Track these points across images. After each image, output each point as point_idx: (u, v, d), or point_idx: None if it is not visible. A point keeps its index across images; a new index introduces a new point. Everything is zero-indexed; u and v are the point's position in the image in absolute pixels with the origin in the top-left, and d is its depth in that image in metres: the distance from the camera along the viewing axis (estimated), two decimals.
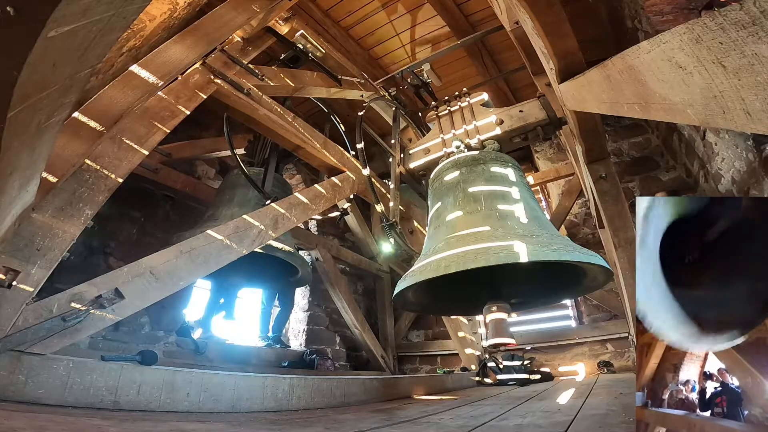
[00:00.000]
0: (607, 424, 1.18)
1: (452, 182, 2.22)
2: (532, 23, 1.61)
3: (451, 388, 3.17)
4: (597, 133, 2.15)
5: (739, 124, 0.65)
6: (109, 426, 0.99)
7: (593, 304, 4.48)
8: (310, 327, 4.61)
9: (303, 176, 5.39)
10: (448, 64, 4.48)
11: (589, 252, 1.63)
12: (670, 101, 0.87)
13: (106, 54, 0.80)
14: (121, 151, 1.72)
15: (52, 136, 1.01)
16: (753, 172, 2.54)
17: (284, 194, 3.09)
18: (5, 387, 1.10)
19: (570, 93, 1.77)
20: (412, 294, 2.02)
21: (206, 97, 2.25)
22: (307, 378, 1.92)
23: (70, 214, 1.47)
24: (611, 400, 1.73)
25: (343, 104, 4.52)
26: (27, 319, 1.27)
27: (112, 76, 2.06)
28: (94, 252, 3.05)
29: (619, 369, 3.90)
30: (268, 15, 2.79)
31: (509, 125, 2.59)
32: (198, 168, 4.23)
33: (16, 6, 0.51)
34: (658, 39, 0.81)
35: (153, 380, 1.37)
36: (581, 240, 4.75)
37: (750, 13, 0.56)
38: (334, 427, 1.30)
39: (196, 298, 3.76)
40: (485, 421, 1.35)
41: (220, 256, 1.98)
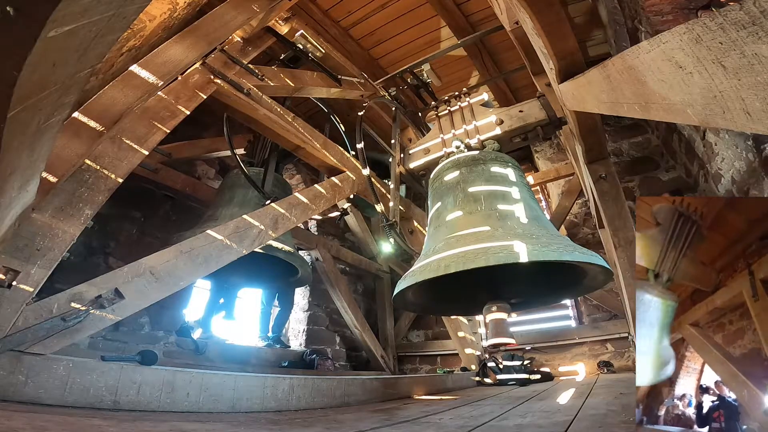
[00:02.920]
0: (607, 424, 1.18)
1: (452, 182, 2.22)
2: (532, 23, 1.61)
3: (451, 388, 3.17)
4: (597, 133, 2.15)
5: (739, 124, 0.65)
6: (109, 426, 0.99)
7: (593, 304, 4.48)
8: (310, 327, 4.61)
9: (303, 176, 5.39)
10: (448, 64, 4.48)
11: (589, 252, 1.63)
12: (670, 101, 0.87)
13: (106, 54, 0.80)
14: (121, 151, 1.72)
15: (52, 136, 1.01)
16: (753, 172, 2.54)
17: (284, 194, 3.09)
18: (5, 387, 1.10)
19: (570, 93, 1.77)
20: (412, 294, 2.02)
21: (206, 97, 2.25)
22: (307, 378, 1.92)
23: (70, 214, 1.47)
24: (611, 400, 1.73)
25: (343, 104, 4.52)
26: (27, 319, 1.27)
27: (112, 76, 2.06)
28: (94, 252, 3.04)
29: (619, 369, 3.90)
30: (268, 15, 2.79)
31: (509, 125, 2.59)
32: (198, 168, 4.23)
33: (16, 6, 0.51)
34: (658, 39, 0.81)
35: (153, 380, 1.37)
36: (581, 240, 4.75)
37: (750, 13, 0.56)
38: (334, 427, 1.30)
39: (196, 298, 3.76)
40: (485, 421, 1.35)
41: (220, 256, 1.97)
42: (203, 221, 2.90)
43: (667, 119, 0.93)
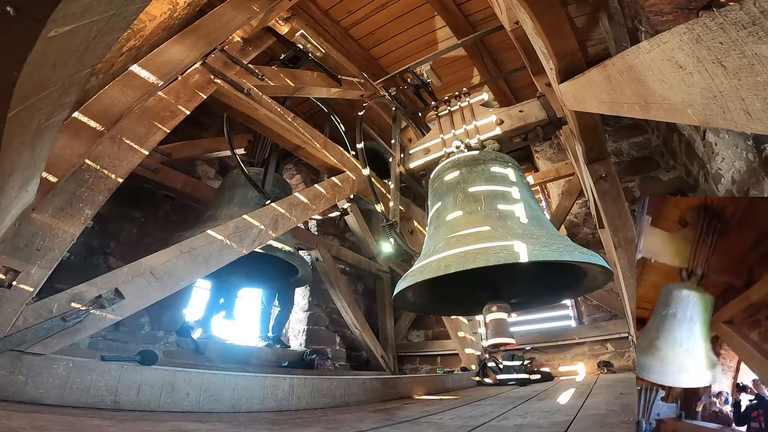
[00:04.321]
0: (607, 424, 1.18)
1: (452, 182, 2.22)
2: (532, 23, 1.61)
3: (451, 388, 3.17)
4: (597, 133, 2.15)
5: (739, 124, 0.65)
6: (109, 426, 0.99)
7: (593, 304, 4.48)
8: (310, 327, 4.61)
9: (303, 176, 5.38)
10: (448, 64, 4.48)
11: (589, 252, 1.63)
12: (670, 101, 0.87)
13: (106, 54, 0.80)
14: (121, 151, 1.72)
15: (52, 136, 1.01)
16: (753, 172, 2.53)
17: (284, 194, 3.09)
18: (5, 387, 1.10)
19: (570, 93, 1.77)
20: (412, 294, 2.02)
21: (206, 97, 2.25)
22: (307, 378, 1.92)
23: (70, 214, 1.47)
24: (611, 400, 1.73)
25: (343, 104, 4.52)
26: (27, 319, 1.27)
27: (112, 76, 2.06)
28: (94, 252, 3.04)
29: (619, 369, 3.90)
30: (268, 15, 2.79)
31: (509, 125, 2.59)
32: (198, 168, 4.23)
33: (16, 6, 0.51)
34: (658, 39, 0.81)
35: (153, 380, 1.37)
36: (581, 240, 4.75)
37: (750, 13, 0.56)
38: (334, 427, 1.30)
39: (196, 298, 3.76)
40: (485, 421, 1.35)
41: (220, 256, 1.97)
42: (203, 221, 2.90)
43: (667, 119, 0.93)
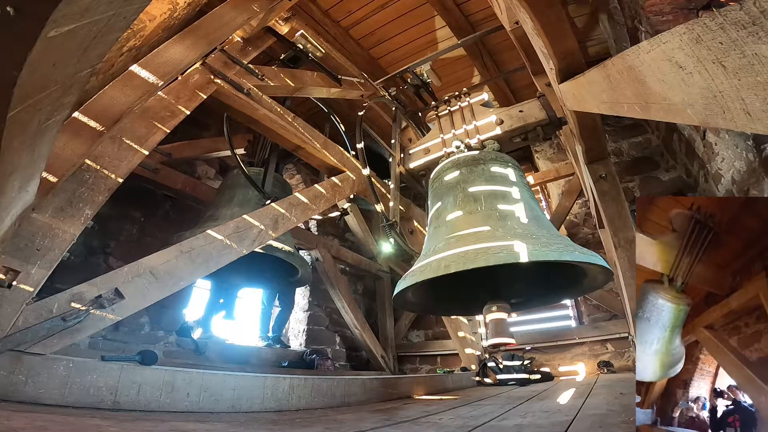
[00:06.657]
0: (607, 424, 1.18)
1: (452, 182, 2.22)
2: (532, 23, 1.61)
3: (451, 388, 3.17)
4: (597, 133, 2.14)
5: (739, 124, 0.65)
6: (109, 426, 0.99)
7: (593, 304, 4.48)
8: (310, 327, 4.61)
9: (303, 176, 5.39)
10: (448, 64, 4.48)
11: (589, 252, 1.63)
12: (670, 101, 0.87)
13: (106, 54, 0.80)
14: (121, 151, 1.72)
15: (52, 136, 1.01)
16: (753, 172, 2.53)
17: (284, 194, 3.09)
18: (5, 387, 1.10)
19: (570, 93, 1.77)
20: (412, 294, 2.02)
21: (206, 97, 2.25)
22: (307, 378, 1.92)
23: (70, 214, 1.47)
24: (611, 400, 1.73)
25: (343, 104, 4.52)
26: (27, 319, 1.27)
27: (112, 76, 2.06)
28: (94, 252, 3.04)
29: (619, 369, 3.90)
30: (268, 15, 2.79)
31: (509, 125, 2.58)
32: (198, 168, 4.23)
33: (16, 6, 0.51)
34: (658, 39, 0.81)
35: (153, 380, 1.37)
36: (581, 240, 4.75)
37: (750, 13, 0.56)
38: (334, 427, 1.30)
39: (196, 298, 3.76)
40: (485, 421, 1.35)
41: (220, 256, 1.97)
42: (203, 221, 2.90)
43: (667, 119, 0.93)
